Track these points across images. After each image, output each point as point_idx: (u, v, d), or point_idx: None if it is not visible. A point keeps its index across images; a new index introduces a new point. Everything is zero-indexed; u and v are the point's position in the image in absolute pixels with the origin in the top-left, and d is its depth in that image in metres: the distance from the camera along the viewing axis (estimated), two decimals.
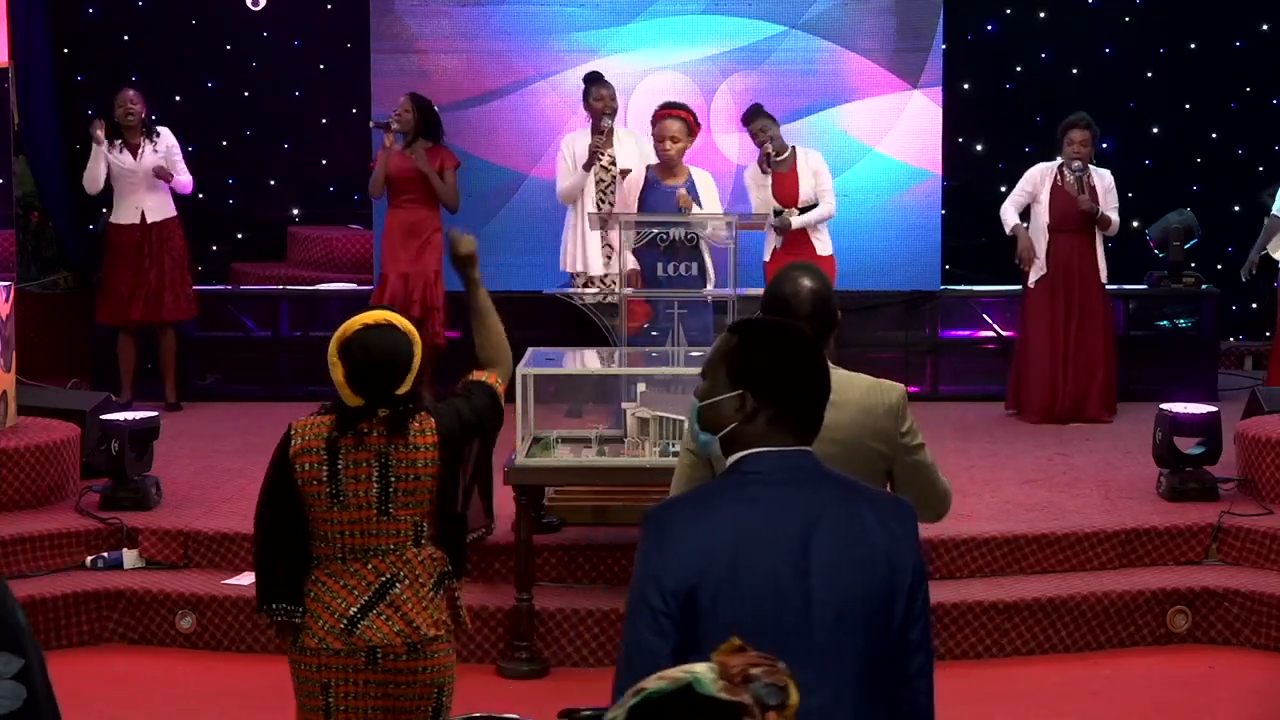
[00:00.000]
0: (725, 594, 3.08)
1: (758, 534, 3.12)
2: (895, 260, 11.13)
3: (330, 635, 4.53)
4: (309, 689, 4.60)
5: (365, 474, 4.52)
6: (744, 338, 3.31)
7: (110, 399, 9.56)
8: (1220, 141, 12.86)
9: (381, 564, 4.55)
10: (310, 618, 4.56)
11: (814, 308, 4.34)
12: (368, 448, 4.52)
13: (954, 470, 8.97)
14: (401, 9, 11.27)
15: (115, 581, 7.67)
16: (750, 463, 3.20)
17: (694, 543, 3.12)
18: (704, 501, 3.23)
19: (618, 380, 7.84)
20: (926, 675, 3.19)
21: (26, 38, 12.27)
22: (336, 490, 4.52)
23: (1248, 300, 12.30)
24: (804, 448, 3.22)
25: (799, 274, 4.42)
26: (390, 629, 4.52)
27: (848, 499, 3.19)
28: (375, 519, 4.53)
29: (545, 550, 7.59)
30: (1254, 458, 8.35)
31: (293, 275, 12.63)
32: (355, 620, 4.52)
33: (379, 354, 4.52)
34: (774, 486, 3.16)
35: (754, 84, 11.13)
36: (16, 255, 11.85)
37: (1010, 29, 12.93)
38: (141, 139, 10.65)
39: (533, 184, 11.08)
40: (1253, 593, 7.44)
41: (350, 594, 4.54)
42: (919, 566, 3.17)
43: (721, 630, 3.05)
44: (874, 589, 3.12)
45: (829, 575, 3.10)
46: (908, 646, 3.15)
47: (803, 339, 3.30)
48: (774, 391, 3.21)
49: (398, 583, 4.54)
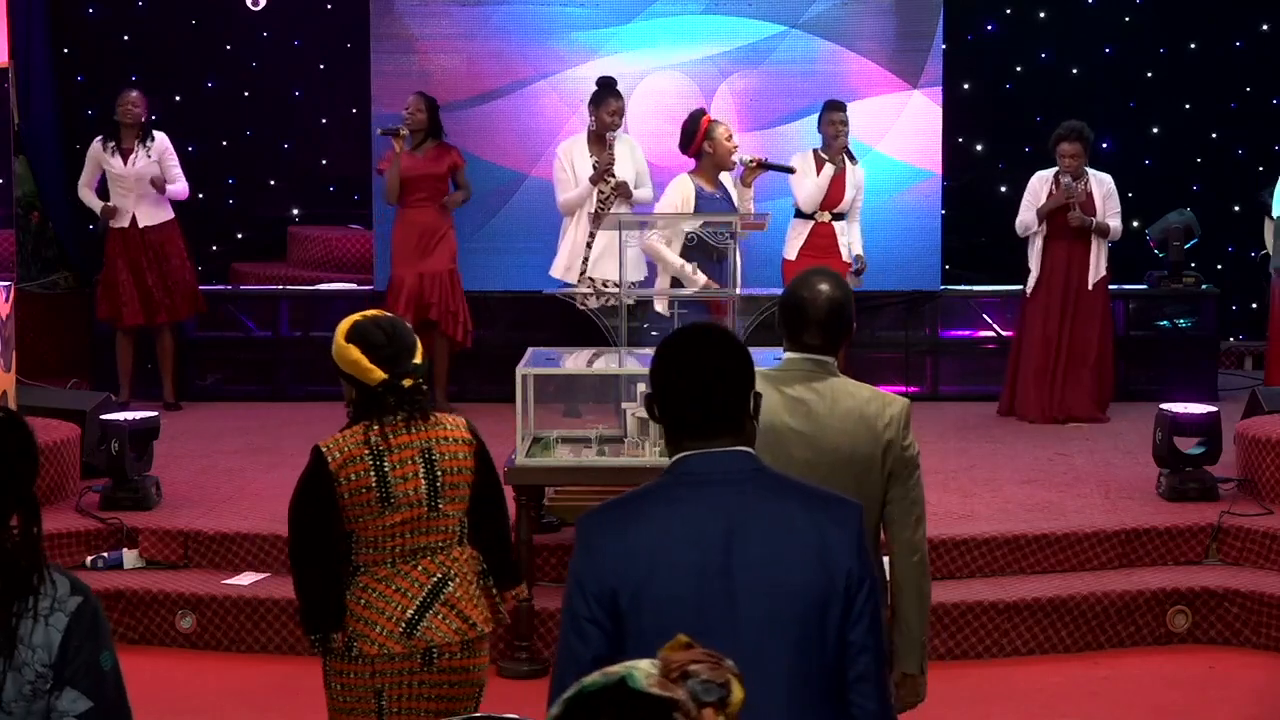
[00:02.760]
0: (645, 595, 3.09)
1: (678, 535, 3.12)
2: (895, 260, 11.12)
3: (390, 640, 4.52)
4: (358, 694, 4.55)
5: (413, 471, 4.55)
6: (659, 346, 3.32)
7: (110, 399, 9.56)
8: (1220, 141, 12.86)
9: (431, 564, 4.58)
10: (364, 625, 4.53)
11: (829, 314, 4.32)
12: (410, 445, 4.56)
13: (954, 470, 9.00)
14: (401, 9, 11.27)
15: (115, 581, 7.67)
16: (681, 464, 3.21)
17: (615, 545, 3.13)
18: (630, 504, 3.24)
19: (618, 380, 7.84)
20: (873, 679, 3.14)
21: (26, 38, 12.27)
22: (386, 494, 4.53)
23: (1248, 300, 12.30)
24: (739, 448, 3.20)
25: (819, 279, 4.40)
26: (449, 627, 4.55)
27: (779, 499, 3.17)
28: (426, 516, 4.57)
29: (545, 550, 7.59)
30: (1254, 458, 8.35)
31: (293, 275, 12.63)
32: (414, 622, 4.53)
33: (387, 325, 4.62)
34: (700, 488, 3.16)
35: (754, 84, 11.13)
36: (16, 255, 11.85)
37: (1010, 29, 12.92)
38: (135, 142, 10.62)
39: (532, 184, 11.07)
40: (1253, 593, 7.45)
41: (404, 596, 4.55)
42: (857, 568, 3.13)
43: (642, 632, 3.07)
44: (803, 590, 3.10)
45: (753, 575, 3.09)
46: (849, 649, 3.12)
47: (701, 345, 3.25)
48: (666, 397, 3.23)
49: (450, 581, 4.58)
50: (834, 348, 4.38)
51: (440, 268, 10.33)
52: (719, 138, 8.85)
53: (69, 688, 3.10)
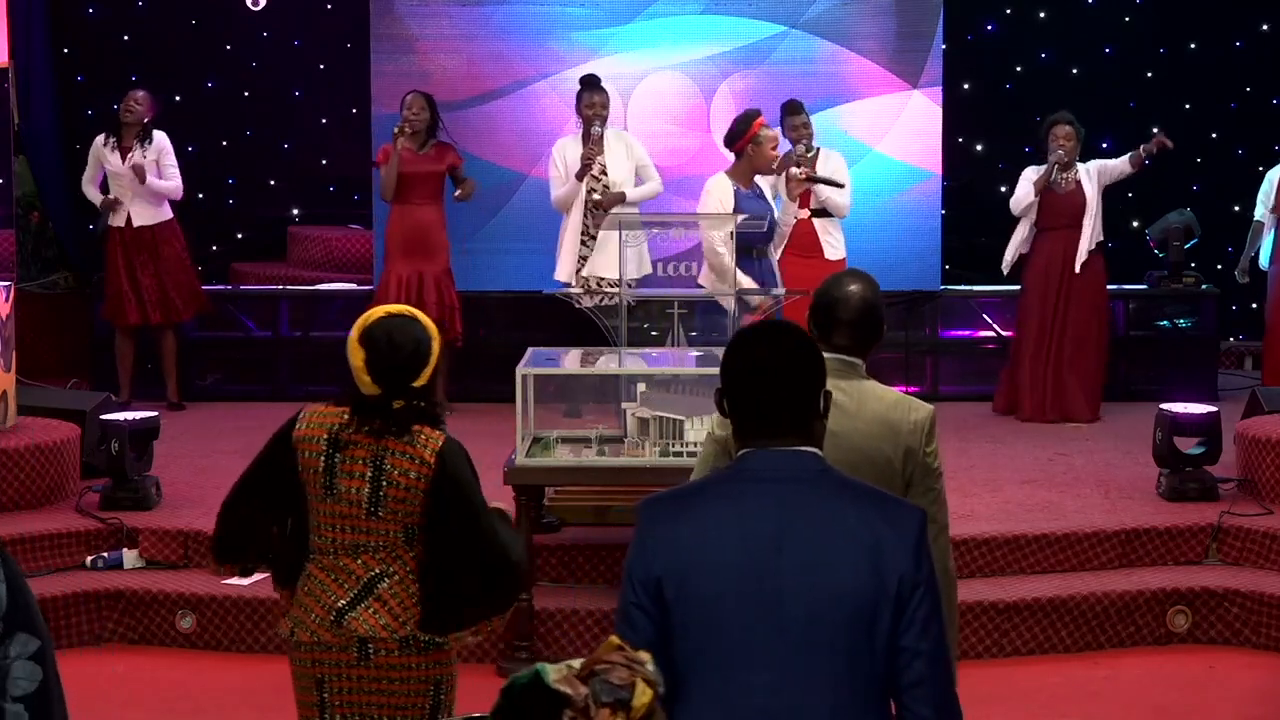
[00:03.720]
0: (689, 589, 3.09)
1: (731, 530, 3.11)
2: (895, 260, 11.12)
3: (321, 628, 4.54)
4: (304, 684, 4.60)
5: (359, 471, 4.51)
6: (731, 341, 3.32)
7: (110, 399, 9.56)
8: (1220, 141, 12.86)
9: (372, 560, 4.55)
10: (303, 611, 4.58)
11: (860, 315, 4.35)
12: (364, 448, 4.52)
13: (954, 470, 8.98)
14: (401, 9, 11.27)
15: (115, 581, 7.67)
16: (746, 460, 3.20)
17: (667, 534, 3.14)
18: (688, 495, 3.24)
19: (618, 380, 7.84)
20: (930, 684, 3.07)
21: (26, 38, 12.27)
22: (330, 483, 4.53)
23: (1248, 300, 12.29)
24: (806, 448, 3.19)
25: (851, 280, 4.42)
26: (377, 621, 4.51)
27: (836, 501, 3.14)
28: (364, 518, 4.54)
29: (545, 550, 7.59)
30: (1254, 458, 8.35)
31: (293, 275, 12.63)
32: (343, 612, 4.52)
33: (402, 341, 4.51)
34: (760, 484, 3.15)
35: (754, 84, 11.13)
36: (16, 255, 11.86)
37: (1010, 29, 12.93)
38: (134, 142, 10.63)
39: (532, 184, 11.07)
40: (1253, 593, 7.45)
41: (340, 587, 4.55)
42: (913, 573, 3.08)
43: (686, 626, 3.08)
44: (854, 593, 3.06)
45: (801, 577, 3.07)
46: (901, 655, 3.06)
47: (773, 343, 3.24)
48: (734, 393, 3.22)
49: (386, 578, 4.54)
50: (864, 350, 4.40)
51: (439, 267, 10.39)
52: (764, 144, 8.95)
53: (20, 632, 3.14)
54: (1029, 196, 10.24)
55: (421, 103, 10.33)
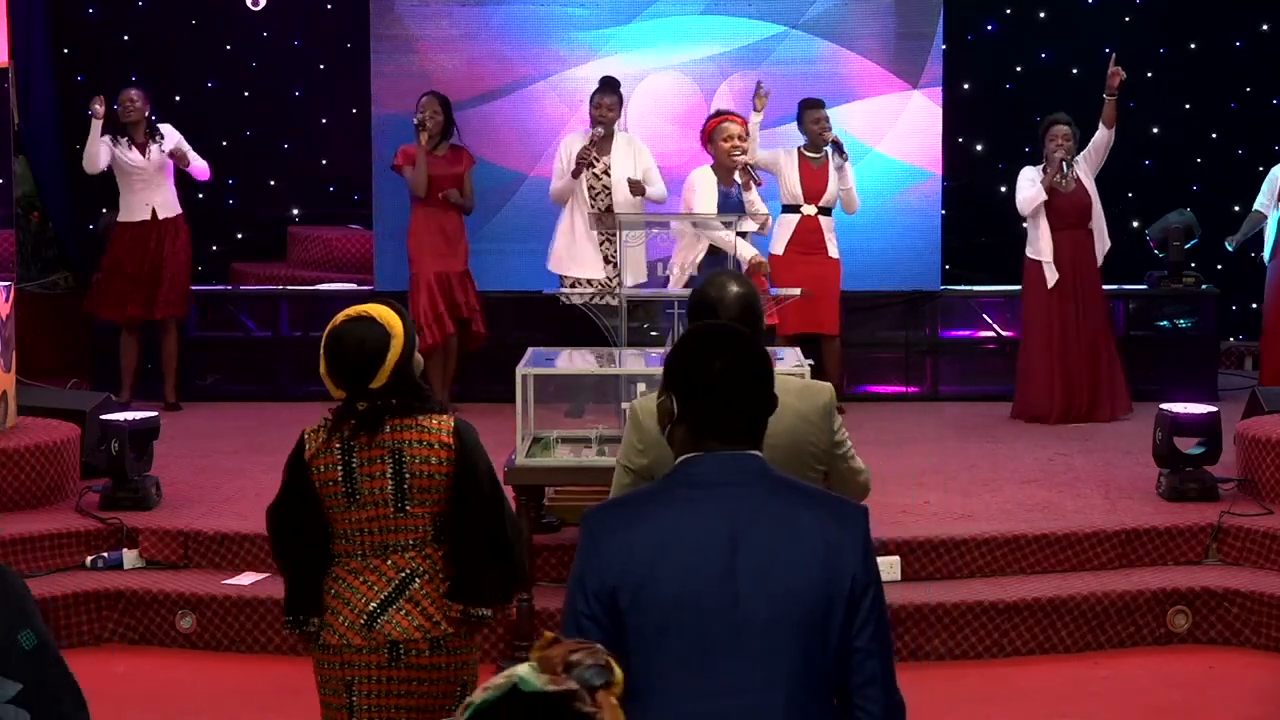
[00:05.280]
0: (645, 595, 3.10)
1: (684, 536, 3.12)
2: (895, 260, 11.12)
3: (351, 631, 4.53)
4: (333, 687, 4.58)
5: (380, 470, 4.52)
6: (679, 341, 3.33)
7: (110, 399, 9.56)
8: (1220, 141, 12.86)
9: (401, 560, 4.56)
10: (331, 615, 4.56)
11: (740, 311, 4.45)
12: (380, 444, 4.53)
13: (954, 470, 9.00)
14: (401, 9, 11.27)
15: (115, 581, 7.67)
16: (689, 465, 3.21)
17: (618, 543, 3.15)
18: (636, 503, 3.26)
19: (618, 380, 7.84)
20: (879, 684, 3.12)
21: (26, 38, 12.27)
22: (352, 489, 4.52)
23: (1248, 300, 12.29)
24: (748, 451, 3.21)
25: (727, 279, 4.58)
26: (410, 623, 4.52)
27: (787, 503, 3.17)
28: (392, 516, 4.54)
29: (545, 550, 7.60)
30: (1254, 458, 8.34)
31: (292, 275, 12.64)
32: (375, 615, 4.52)
33: (348, 345, 4.53)
34: (708, 489, 3.16)
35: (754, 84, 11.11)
36: (16, 255, 11.85)
37: (1010, 29, 12.93)
38: (146, 137, 10.67)
39: (533, 184, 11.08)
40: (1253, 593, 7.44)
41: (370, 589, 4.54)
42: (863, 573, 3.13)
43: (642, 631, 3.08)
44: (808, 594, 3.09)
45: (758, 578, 3.09)
46: (855, 655, 3.11)
47: (732, 344, 3.27)
48: (692, 395, 3.22)
49: (417, 578, 4.55)
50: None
51: (462, 267, 10.53)
52: (718, 141, 9.34)
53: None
54: (1040, 195, 10.18)
55: (436, 105, 10.35)
